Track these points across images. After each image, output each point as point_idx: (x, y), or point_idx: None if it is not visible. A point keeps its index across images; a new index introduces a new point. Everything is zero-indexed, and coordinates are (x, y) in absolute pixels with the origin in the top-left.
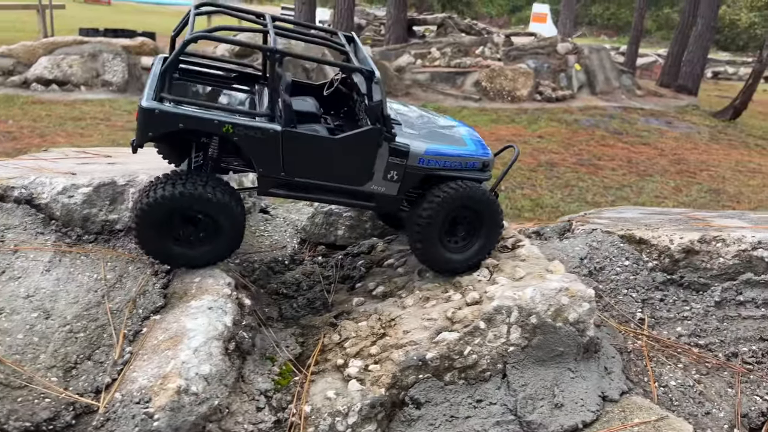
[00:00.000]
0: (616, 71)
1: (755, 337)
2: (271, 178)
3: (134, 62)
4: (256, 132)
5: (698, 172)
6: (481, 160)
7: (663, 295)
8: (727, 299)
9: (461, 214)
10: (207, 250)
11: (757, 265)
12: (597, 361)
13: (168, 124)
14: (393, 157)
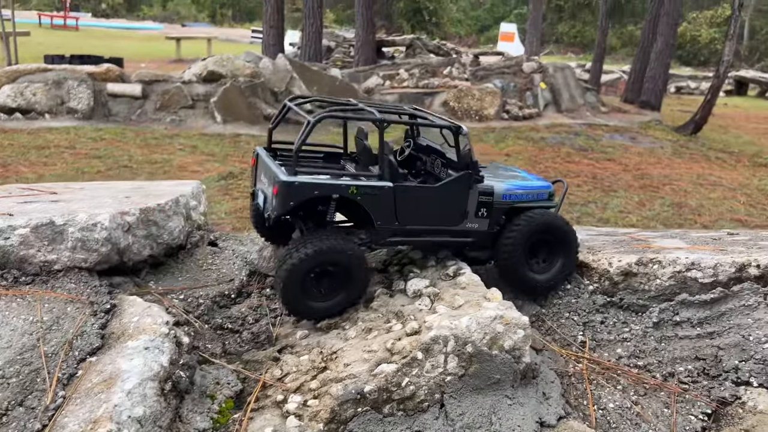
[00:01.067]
0: (581, 89)
1: (691, 357)
2: (387, 228)
3: (100, 89)
4: (374, 190)
5: (661, 186)
6: (547, 191)
7: (603, 318)
8: (665, 320)
9: (542, 238)
10: (341, 299)
11: (691, 285)
12: (535, 386)
13: (306, 192)
14: (482, 197)
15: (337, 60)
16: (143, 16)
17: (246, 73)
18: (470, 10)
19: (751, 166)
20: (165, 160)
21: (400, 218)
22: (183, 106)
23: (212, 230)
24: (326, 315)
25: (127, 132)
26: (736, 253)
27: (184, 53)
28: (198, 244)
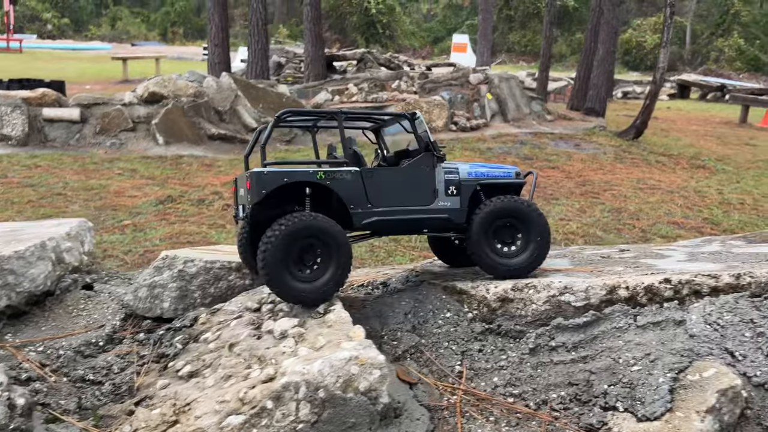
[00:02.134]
0: (526, 98)
1: (564, 383)
2: (360, 211)
3: (35, 114)
4: (342, 174)
5: (602, 192)
6: (513, 170)
7: (482, 346)
8: (541, 345)
9: (508, 223)
10: (326, 280)
11: (565, 309)
12: (398, 426)
13: (276, 180)
14: (448, 175)
15: (288, 76)
16: (91, 37)
17: (189, 93)
18: (423, 22)
19: (689, 169)
20: (101, 186)
21: (372, 200)
22: (124, 128)
23: (94, 270)
24: (314, 298)
25: (64, 158)
26: (611, 273)
27: (131, 74)
28: (70, 288)
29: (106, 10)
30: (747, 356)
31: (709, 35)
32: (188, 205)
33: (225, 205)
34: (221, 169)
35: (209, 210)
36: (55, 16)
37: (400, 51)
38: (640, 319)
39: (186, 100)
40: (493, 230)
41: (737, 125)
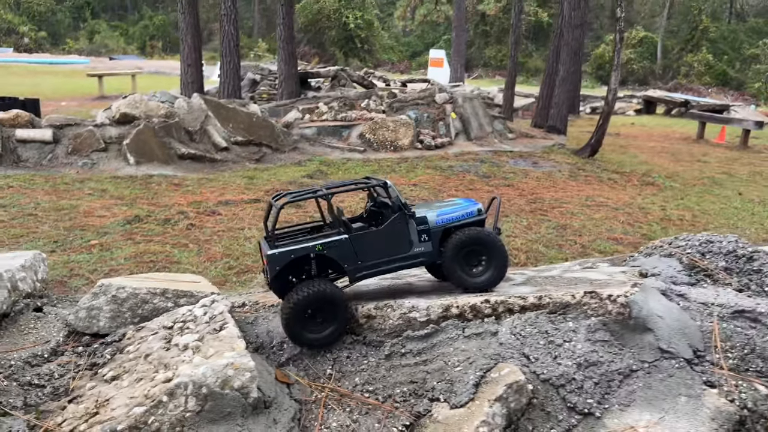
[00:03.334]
0: (489, 117)
1: (407, 381)
2: (353, 268)
3: (8, 135)
4: (336, 243)
5: (551, 209)
6: (475, 208)
7: (350, 353)
8: (394, 352)
9: (473, 249)
10: (332, 331)
11: (413, 323)
12: (267, 414)
13: (285, 258)
14: (419, 226)
15: (263, 93)
16: (68, 50)
17: (160, 114)
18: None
19: (639, 186)
20: (72, 206)
21: (360, 258)
22: (95, 149)
23: (45, 295)
24: (323, 344)
25: (36, 178)
26: (454, 296)
27: (107, 90)
28: (23, 311)
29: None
30: (539, 359)
31: (680, 50)
32: (154, 225)
33: (189, 225)
34: (189, 188)
35: (174, 230)
36: (32, 30)
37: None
38: (467, 330)
39: (157, 120)
40: (462, 255)
41: (694, 141)
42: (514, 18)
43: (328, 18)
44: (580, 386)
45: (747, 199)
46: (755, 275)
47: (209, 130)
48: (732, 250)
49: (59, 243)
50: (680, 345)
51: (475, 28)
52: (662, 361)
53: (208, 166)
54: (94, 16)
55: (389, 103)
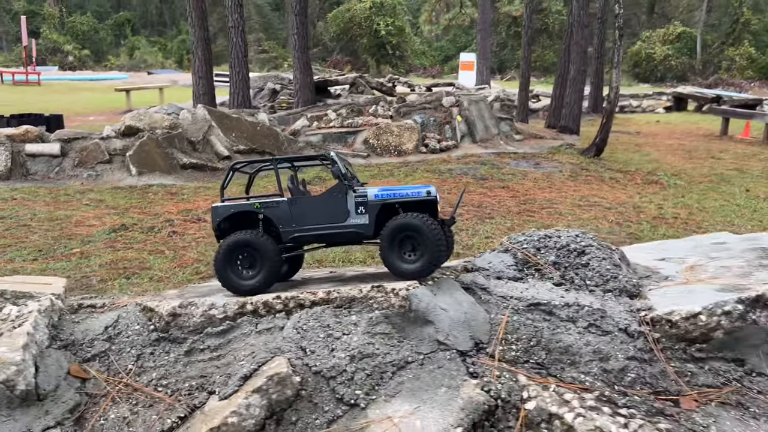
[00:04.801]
0: (495, 119)
1: (198, 375)
2: (287, 230)
3: (18, 150)
4: (273, 204)
5: (539, 210)
6: (424, 189)
7: (154, 350)
8: (194, 348)
9: (408, 235)
10: (258, 280)
11: (214, 320)
12: (39, 406)
13: (227, 211)
14: (358, 198)
15: (283, 102)
16: (110, 67)
17: (164, 125)
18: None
19: (641, 184)
20: (66, 216)
21: (296, 221)
22: (100, 161)
23: None
24: (247, 291)
25: (40, 190)
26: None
27: (135, 103)
28: None
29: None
30: (315, 351)
31: (720, 44)
32: (138, 233)
33: (171, 232)
34: (184, 197)
35: (156, 237)
36: (76, 48)
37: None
38: (259, 326)
39: (161, 132)
40: (398, 241)
41: (717, 137)
42: (526, 20)
43: (360, 26)
44: (350, 378)
45: (753, 195)
46: (582, 269)
47: (212, 139)
48: (565, 245)
49: (43, 252)
50: (460, 337)
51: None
52: (437, 353)
53: (209, 175)
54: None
55: (397, 108)
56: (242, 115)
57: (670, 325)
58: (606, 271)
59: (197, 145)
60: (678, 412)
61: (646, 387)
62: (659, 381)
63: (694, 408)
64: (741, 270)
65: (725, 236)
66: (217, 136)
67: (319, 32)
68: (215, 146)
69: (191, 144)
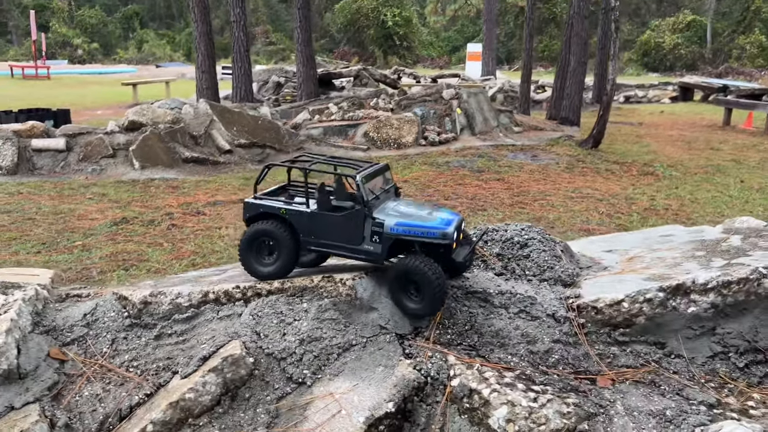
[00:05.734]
0: (494, 111)
1: (165, 357)
2: (306, 240)
3: (25, 145)
4: (296, 212)
5: (532, 202)
6: (440, 231)
7: (127, 335)
8: (163, 333)
9: (410, 279)
10: (276, 267)
11: (181, 308)
12: (20, 384)
13: (255, 208)
14: (374, 227)
15: (287, 95)
16: (119, 60)
17: (167, 120)
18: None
19: (637, 176)
20: (70, 210)
21: (314, 234)
22: (104, 155)
23: None
24: (266, 277)
25: (46, 185)
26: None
27: (142, 96)
28: None
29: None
30: (269, 335)
31: (731, 33)
32: (139, 226)
33: (170, 225)
34: (185, 190)
35: (155, 230)
36: (85, 42)
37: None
38: (221, 313)
39: (163, 126)
40: (403, 281)
41: (720, 128)
42: (528, 11)
43: (367, 17)
44: (299, 359)
45: (747, 186)
46: (523, 260)
47: (213, 133)
48: (510, 237)
49: (47, 245)
50: (400, 322)
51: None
52: (379, 337)
53: (211, 169)
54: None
55: (398, 101)
56: (244, 109)
57: (596, 312)
58: (544, 262)
59: (199, 139)
60: (591, 389)
61: (568, 367)
62: (581, 362)
63: (608, 386)
64: (673, 261)
65: (675, 229)
66: (219, 130)
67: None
68: (217, 140)
69: (193, 138)
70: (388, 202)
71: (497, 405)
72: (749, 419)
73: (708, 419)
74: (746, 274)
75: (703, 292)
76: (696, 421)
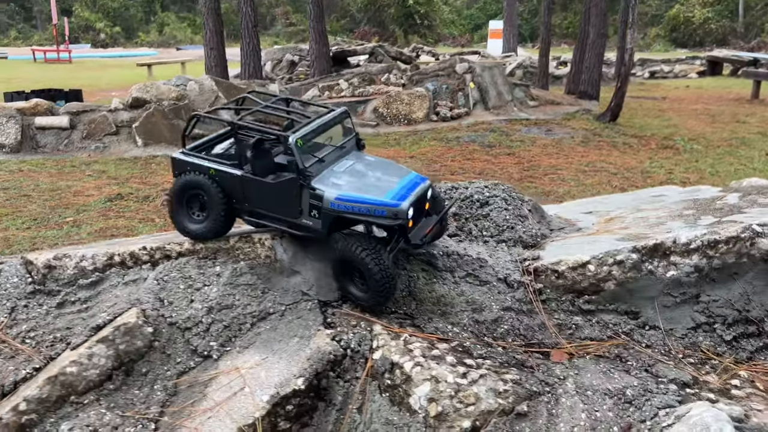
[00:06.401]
0: (509, 85)
1: (64, 327)
2: (240, 207)
3: (28, 123)
4: (225, 174)
5: (542, 176)
6: (391, 210)
7: (28, 302)
8: (67, 300)
9: (351, 265)
10: (206, 225)
11: (87, 273)
12: None
13: (182, 166)
14: (312, 200)
15: (301, 73)
16: (140, 43)
17: (171, 97)
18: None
19: (655, 149)
20: (67, 186)
21: (248, 201)
22: (107, 133)
23: None
24: (197, 236)
25: (48, 162)
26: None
27: (158, 77)
28: None
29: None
30: (173, 302)
31: (764, 6)
32: (133, 202)
33: (165, 201)
34: None
35: (149, 206)
36: (107, 26)
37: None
38: (126, 278)
39: (167, 103)
40: (347, 266)
41: (748, 101)
42: None
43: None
44: (206, 329)
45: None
46: (481, 220)
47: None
48: (469, 196)
49: (38, 221)
50: (326, 288)
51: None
52: (300, 304)
53: None
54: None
55: (410, 76)
56: (251, 86)
57: (557, 276)
58: (503, 222)
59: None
60: (541, 364)
61: (519, 339)
62: (535, 333)
63: (563, 360)
64: (657, 220)
65: (669, 189)
66: None
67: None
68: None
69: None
70: (339, 163)
71: (419, 381)
72: (729, 401)
73: (677, 400)
74: (737, 232)
75: (685, 254)
76: (661, 403)
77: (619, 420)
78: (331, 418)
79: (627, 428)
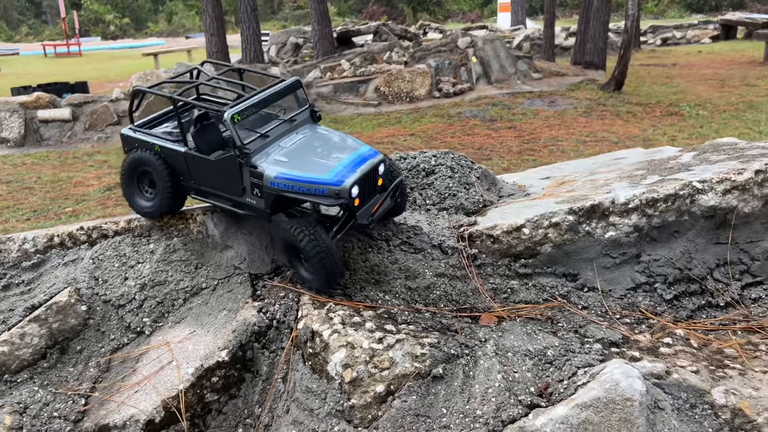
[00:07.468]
0: (512, 58)
1: (7, 310)
2: (187, 185)
3: (31, 116)
4: (170, 151)
5: (541, 149)
6: (332, 189)
7: None
8: (12, 283)
9: (294, 247)
10: (156, 202)
11: (29, 255)
12: None
13: (130, 143)
14: (253, 178)
15: (305, 56)
16: (150, 34)
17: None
18: None
19: (660, 117)
20: (69, 177)
21: (194, 179)
22: (109, 123)
23: None
24: (147, 213)
25: (51, 155)
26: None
27: (165, 66)
28: None
29: (162, 7)
30: (108, 281)
31: None
32: None
33: None
34: None
35: None
36: (116, 17)
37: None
38: (66, 258)
39: (167, 91)
40: (288, 249)
41: (760, 64)
42: None
43: None
44: (140, 306)
45: None
46: (426, 189)
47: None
48: (416, 165)
49: (38, 212)
50: (258, 262)
51: None
52: (233, 278)
53: None
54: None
55: (412, 53)
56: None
57: (492, 240)
58: (446, 189)
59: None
60: (464, 328)
61: (451, 304)
62: (468, 298)
63: (490, 324)
64: (605, 181)
65: (633, 152)
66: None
67: None
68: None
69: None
70: (287, 138)
71: (335, 348)
72: (654, 358)
73: (598, 359)
74: (675, 189)
75: (623, 213)
76: (581, 362)
77: (537, 380)
78: (258, 389)
79: (544, 388)
